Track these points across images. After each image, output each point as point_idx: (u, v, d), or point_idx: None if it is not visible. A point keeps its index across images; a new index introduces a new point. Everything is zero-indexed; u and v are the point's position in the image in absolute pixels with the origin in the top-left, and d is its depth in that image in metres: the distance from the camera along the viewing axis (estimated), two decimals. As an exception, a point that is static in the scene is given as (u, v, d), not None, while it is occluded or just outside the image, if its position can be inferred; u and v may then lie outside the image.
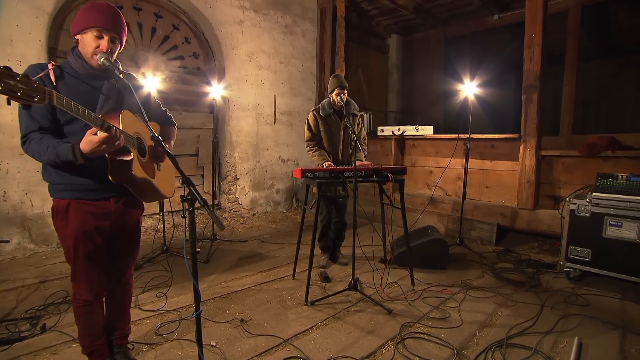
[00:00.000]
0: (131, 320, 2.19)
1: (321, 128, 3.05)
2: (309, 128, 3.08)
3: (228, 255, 3.45)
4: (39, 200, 3.38)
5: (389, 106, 7.41)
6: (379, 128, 4.75)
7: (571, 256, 2.79)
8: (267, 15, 4.94)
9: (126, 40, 1.58)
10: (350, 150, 3.10)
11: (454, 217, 3.90)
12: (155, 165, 1.67)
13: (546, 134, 4.64)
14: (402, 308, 2.38)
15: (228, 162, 4.79)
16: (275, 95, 5.15)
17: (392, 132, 4.52)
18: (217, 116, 4.82)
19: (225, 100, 4.68)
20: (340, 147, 3.08)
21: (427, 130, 4.29)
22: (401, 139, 4.61)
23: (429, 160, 4.40)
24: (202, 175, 4.76)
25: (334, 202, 3.15)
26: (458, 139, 3.65)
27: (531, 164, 3.47)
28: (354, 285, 2.48)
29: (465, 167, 3.47)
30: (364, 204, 4.46)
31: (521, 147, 3.53)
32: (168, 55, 4.37)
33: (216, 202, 4.68)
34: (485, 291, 2.63)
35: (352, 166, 2.92)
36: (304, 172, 2.49)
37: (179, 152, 4.48)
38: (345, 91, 2.94)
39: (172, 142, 1.78)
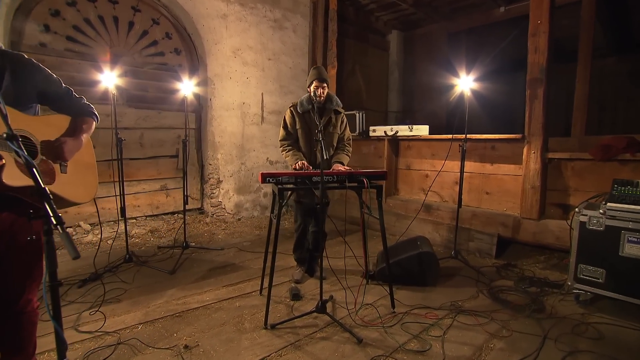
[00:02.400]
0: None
1: (298, 126, 2.74)
2: (285, 126, 2.77)
3: (198, 265, 3.16)
4: None
5: (390, 105, 7.05)
6: (371, 128, 4.40)
7: (581, 276, 2.39)
8: (254, 8, 4.66)
9: (99, 36, 1.29)
10: (330, 152, 2.79)
11: (451, 226, 3.52)
12: (58, 167, 1.38)
13: (558, 136, 4.23)
14: (376, 336, 2.03)
15: (210, 164, 4.52)
16: (262, 94, 4.87)
17: (385, 132, 4.17)
18: (198, 115, 4.56)
19: (207, 98, 4.41)
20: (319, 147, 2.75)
21: (422, 131, 3.92)
22: (395, 140, 4.25)
23: (425, 163, 4.03)
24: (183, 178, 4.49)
25: (311, 209, 2.83)
26: (453, 139, 3.28)
27: (536, 168, 3.08)
28: (322, 307, 2.15)
29: (461, 170, 3.10)
30: (347, 210, 4.12)
31: (525, 149, 3.14)
32: (147, 52, 4.13)
33: (189, 206, 4.41)
34: (477, 316, 2.25)
35: (330, 169, 2.64)
36: (265, 177, 2.18)
37: (158, 154, 4.24)
38: (325, 85, 2.62)
39: (84, 136, 1.48)
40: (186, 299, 2.49)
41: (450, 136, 3.34)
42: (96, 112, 1.60)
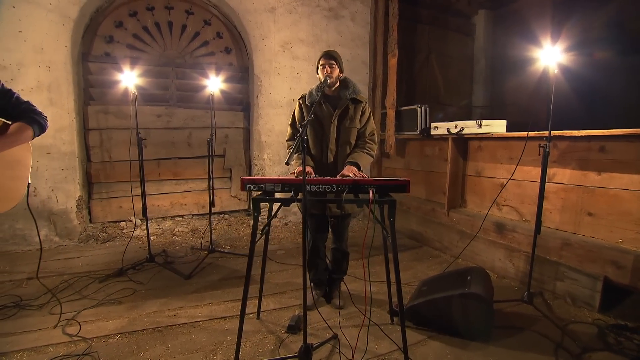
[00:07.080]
0: (36, 346, 1.87)
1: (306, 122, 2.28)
2: (292, 123, 2.36)
3: (217, 272, 2.97)
4: (63, 196, 3.54)
5: (475, 100, 5.93)
6: (433, 125, 3.61)
7: None
8: (305, -1, 4.34)
9: (155, 41, 1.18)
10: (347, 150, 2.25)
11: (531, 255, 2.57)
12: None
13: None
14: (364, 411, 1.45)
15: (256, 165, 4.37)
16: (314, 90, 4.51)
17: (448, 129, 3.35)
18: (247, 114, 4.45)
19: (254, 96, 4.27)
20: (332, 146, 2.25)
21: (495, 127, 3.00)
22: (461, 139, 3.38)
23: (500, 169, 3.08)
24: (230, 178, 4.45)
25: (323, 224, 2.35)
26: (527, 137, 2.34)
27: (678, 181, 1.95)
28: (304, 354, 1.66)
29: (542, 179, 2.17)
30: (400, 222, 3.36)
31: (657, 151, 2.03)
32: (197, 52, 4.20)
33: (236, 207, 4.31)
34: (540, 409, 1.45)
35: (337, 175, 2.12)
36: (245, 183, 1.80)
37: (205, 153, 4.25)
38: (333, 62, 2.13)
39: (8, 140, 1.32)
40: (179, 311, 2.29)
41: (525, 133, 2.40)
42: (41, 121, 1.46)
